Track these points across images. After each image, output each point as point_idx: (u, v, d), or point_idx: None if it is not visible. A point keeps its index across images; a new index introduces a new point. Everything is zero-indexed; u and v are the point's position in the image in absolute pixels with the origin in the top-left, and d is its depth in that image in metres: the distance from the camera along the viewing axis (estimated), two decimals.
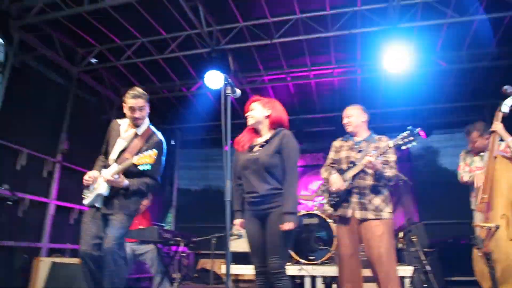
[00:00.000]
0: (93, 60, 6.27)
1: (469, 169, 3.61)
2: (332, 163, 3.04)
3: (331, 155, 3.10)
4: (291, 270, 4.14)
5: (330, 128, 7.85)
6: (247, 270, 4.20)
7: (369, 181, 2.82)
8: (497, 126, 3.01)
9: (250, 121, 2.67)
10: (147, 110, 2.91)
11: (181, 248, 4.39)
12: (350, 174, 2.82)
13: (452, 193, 6.92)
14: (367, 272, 2.80)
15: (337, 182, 2.82)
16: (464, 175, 3.65)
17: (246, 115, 2.69)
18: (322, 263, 4.26)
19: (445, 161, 7.35)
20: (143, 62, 6.36)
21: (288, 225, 2.33)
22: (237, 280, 4.67)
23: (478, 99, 6.79)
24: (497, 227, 2.66)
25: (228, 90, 2.36)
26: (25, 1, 4.96)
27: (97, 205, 2.74)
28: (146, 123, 2.94)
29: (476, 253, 2.81)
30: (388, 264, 2.69)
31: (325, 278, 4.04)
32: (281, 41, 5.67)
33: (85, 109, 6.44)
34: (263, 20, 5.46)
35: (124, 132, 2.91)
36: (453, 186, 6.76)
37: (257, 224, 2.50)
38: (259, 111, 2.66)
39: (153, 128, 2.98)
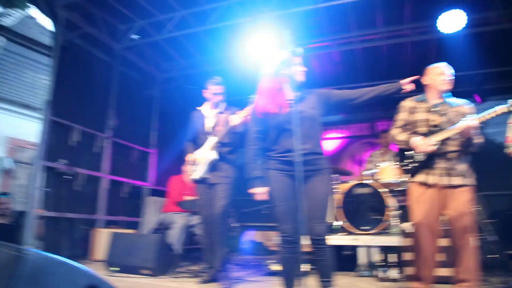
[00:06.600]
0: (135, 36, 6.28)
1: None
2: (404, 125, 2.88)
3: (403, 116, 2.92)
4: (345, 240, 4.08)
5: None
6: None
7: (455, 146, 2.68)
8: None
9: (303, 77, 2.50)
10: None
11: (231, 220, 4.42)
12: (438, 137, 2.65)
13: (510, 162, 6.56)
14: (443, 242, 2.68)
15: (423, 144, 2.66)
16: None
17: (303, 69, 2.50)
18: (378, 233, 4.16)
19: (503, 128, 6.90)
20: (184, 35, 6.28)
21: None
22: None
23: None
24: None
25: (290, 47, 2.27)
26: None
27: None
28: (223, 103, 3.70)
29: None
30: (471, 232, 2.58)
31: (382, 248, 3.95)
32: (324, 5, 5.40)
33: (129, 85, 6.52)
34: None
35: (208, 113, 3.63)
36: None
37: (290, 186, 2.29)
38: None
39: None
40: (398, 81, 2.53)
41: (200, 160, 3.44)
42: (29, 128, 7.38)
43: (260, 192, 2.36)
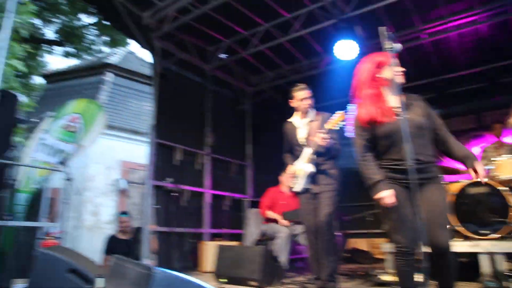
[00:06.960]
0: (223, 55, 6.58)
1: None
2: None
3: None
4: (462, 246, 3.70)
5: (480, 85, 6.83)
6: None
7: None
8: None
9: (402, 79, 2.31)
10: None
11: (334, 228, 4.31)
12: None
13: None
14: None
15: None
16: None
17: (401, 70, 2.29)
18: (502, 238, 3.69)
19: None
20: (268, 47, 6.40)
21: None
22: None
23: None
24: None
25: (388, 45, 2.12)
26: (160, 13, 5.43)
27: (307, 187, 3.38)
28: (313, 109, 3.58)
29: None
30: None
31: (510, 255, 3.49)
32: None
33: (222, 102, 6.84)
34: None
35: (299, 123, 3.55)
36: None
37: (403, 195, 2.19)
38: None
39: None
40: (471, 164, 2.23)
41: (299, 173, 3.42)
42: (138, 151, 8.15)
43: (386, 195, 2.18)
